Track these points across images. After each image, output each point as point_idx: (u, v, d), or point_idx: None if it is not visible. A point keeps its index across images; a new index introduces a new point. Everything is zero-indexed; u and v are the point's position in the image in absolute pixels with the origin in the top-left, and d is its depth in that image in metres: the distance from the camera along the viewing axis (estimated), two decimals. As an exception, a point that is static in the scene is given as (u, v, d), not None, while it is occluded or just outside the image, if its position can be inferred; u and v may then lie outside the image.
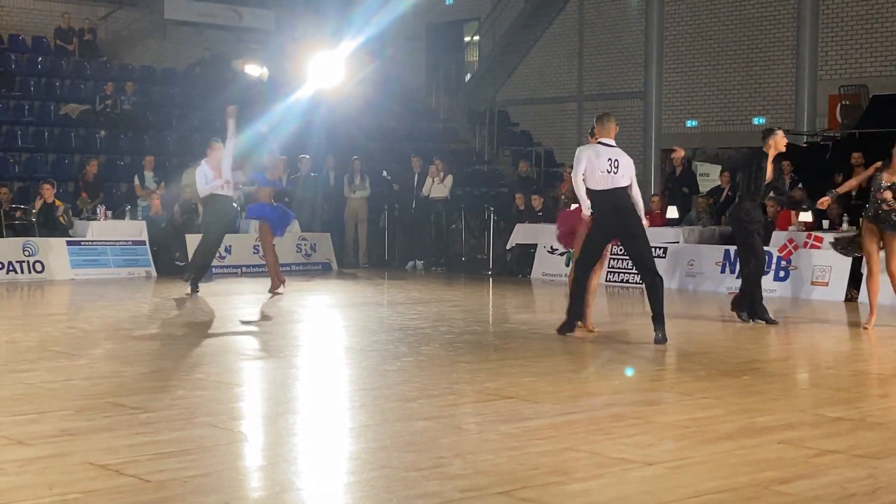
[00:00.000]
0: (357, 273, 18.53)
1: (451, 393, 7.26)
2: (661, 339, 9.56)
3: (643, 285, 9.97)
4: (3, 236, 16.40)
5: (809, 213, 14.84)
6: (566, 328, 10.04)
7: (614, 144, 9.66)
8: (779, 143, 11.04)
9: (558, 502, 4.65)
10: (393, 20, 24.58)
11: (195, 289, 13.68)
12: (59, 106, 21.54)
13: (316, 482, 5.08)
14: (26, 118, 20.96)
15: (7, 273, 15.76)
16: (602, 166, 9.46)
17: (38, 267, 16.08)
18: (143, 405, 6.62)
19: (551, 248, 16.59)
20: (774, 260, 14.78)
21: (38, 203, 16.80)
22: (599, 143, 9.64)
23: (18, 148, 20.31)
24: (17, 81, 21.88)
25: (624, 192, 9.59)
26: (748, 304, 11.39)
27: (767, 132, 11.23)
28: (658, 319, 9.60)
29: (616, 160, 9.53)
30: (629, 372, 8.00)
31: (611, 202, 9.54)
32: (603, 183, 9.51)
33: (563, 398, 7.05)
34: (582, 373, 8.39)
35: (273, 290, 14.01)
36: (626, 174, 9.59)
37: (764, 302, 11.43)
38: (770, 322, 11.27)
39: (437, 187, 19.38)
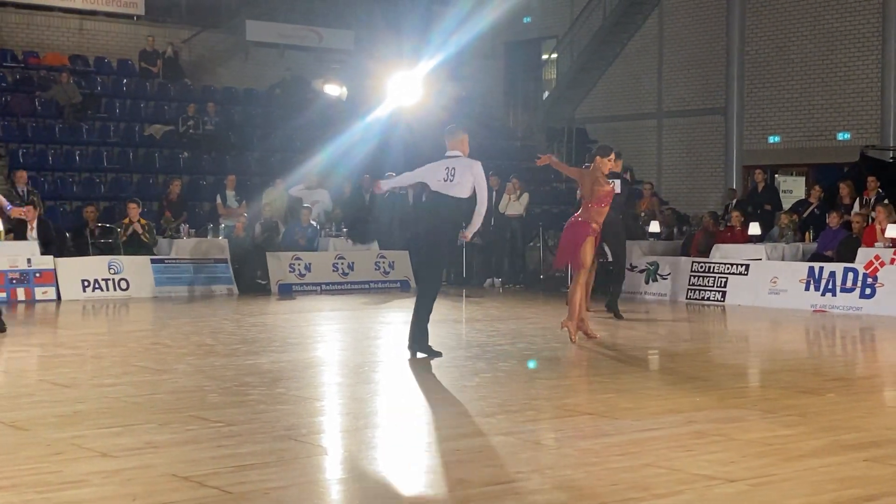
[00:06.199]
0: (435, 291, 18.50)
1: (530, 409, 7.23)
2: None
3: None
4: (89, 254, 16.75)
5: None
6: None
7: (459, 155, 9.89)
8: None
9: (638, 518, 4.60)
10: (471, 39, 24.65)
11: None
12: (143, 127, 21.98)
13: (394, 496, 5.09)
14: (112, 139, 21.43)
15: (93, 290, 16.08)
16: (439, 175, 9.82)
17: (123, 284, 16.39)
18: (225, 419, 6.70)
19: (631, 265, 16.45)
20: (860, 277, 14.49)
21: (126, 222, 17.12)
22: (446, 156, 9.98)
23: (104, 168, 20.76)
24: (103, 103, 22.37)
25: (455, 201, 9.79)
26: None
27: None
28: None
29: (453, 168, 9.80)
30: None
31: (437, 204, 9.82)
32: (438, 187, 9.88)
33: (643, 415, 6.98)
34: (662, 389, 8.29)
35: None
36: (462, 183, 9.76)
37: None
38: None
39: (513, 205, 19.35)
